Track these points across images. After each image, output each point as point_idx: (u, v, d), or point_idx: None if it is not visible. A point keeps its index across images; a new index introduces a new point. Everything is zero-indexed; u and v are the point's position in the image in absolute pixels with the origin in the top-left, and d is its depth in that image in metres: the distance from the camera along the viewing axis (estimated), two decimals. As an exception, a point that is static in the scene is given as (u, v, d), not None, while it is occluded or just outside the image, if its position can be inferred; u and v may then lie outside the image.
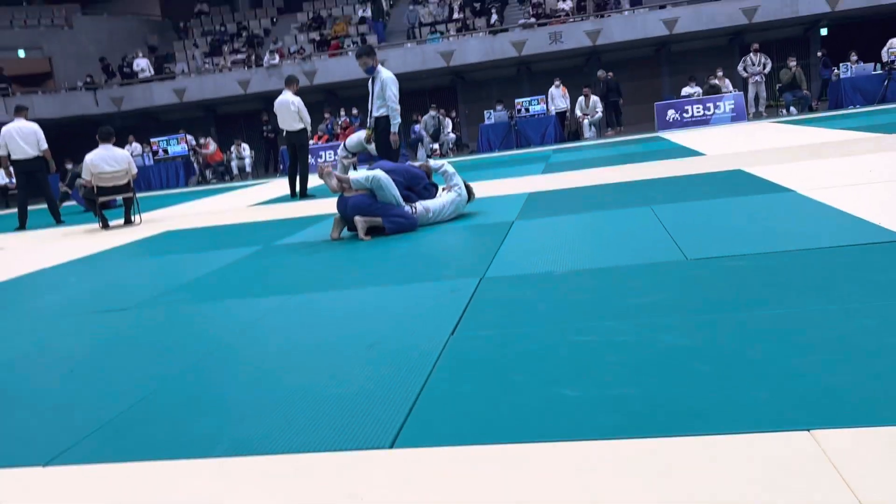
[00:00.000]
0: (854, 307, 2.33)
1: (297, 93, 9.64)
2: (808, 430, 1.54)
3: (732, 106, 15.30)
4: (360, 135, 9.52)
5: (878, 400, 1.64)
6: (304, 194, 9.51)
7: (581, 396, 1.88)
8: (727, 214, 4.29)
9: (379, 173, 5.10)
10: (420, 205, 5.32)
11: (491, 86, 21.74)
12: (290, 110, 9.47)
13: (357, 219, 5.05)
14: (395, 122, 6.96)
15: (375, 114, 7.07)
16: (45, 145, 9.62)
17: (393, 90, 6.91)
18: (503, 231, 4.67)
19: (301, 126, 9.60)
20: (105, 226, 8.30)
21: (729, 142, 9.82)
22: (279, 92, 9.83)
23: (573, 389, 1.93)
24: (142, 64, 21.76)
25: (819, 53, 18.13)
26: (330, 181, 5.13)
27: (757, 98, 16.14)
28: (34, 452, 1.96)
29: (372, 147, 9.68)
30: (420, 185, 5.53)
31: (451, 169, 5.62)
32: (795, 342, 2.08)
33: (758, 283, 2.76)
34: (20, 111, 9.77)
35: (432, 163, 5.79)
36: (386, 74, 7.00)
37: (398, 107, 6.97)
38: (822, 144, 7.79)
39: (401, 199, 5.19)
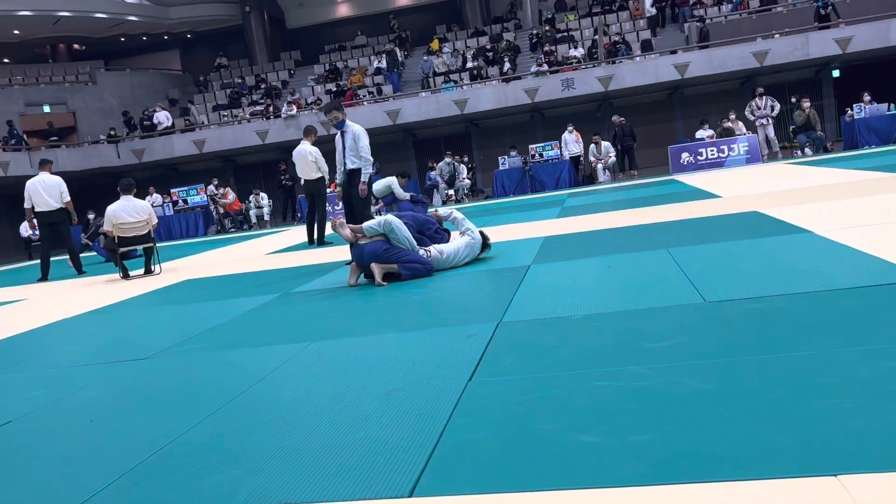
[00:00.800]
0: (877, 349, 2.29)
1: (314, 143, 9.85)
2: (836, 476, 1.51)
3: (747, 148, 15.33)
4: (387, 181, 9.72)
5: (906, 444, 1.61)
6: (322, 241, 9.60)
7: (601, 443, 1.86)
8: (745, 256, 4.27)
9: (390, 217, 5.21)
10: (434, 249, 5.36)
11: (504, 132, 21.97)
12: (308, 160, 9.66)
13: (373, 266, 5.08)
14: (367, 171, 6.84)
15: (350, 167, 6.86)
16: (67, 198, 9.81)
17: (365, 142, 6.85)
18: (520, 275, 4.67)
19: (319, 175, 9.77)
20: (126, 276, 8.38)
21: (744, 184, 9.81)
22: (297, 142, 10.02)
23: (593, 436, 1.91)
24: (160, 117, 22.23)
25: (793, 99, 17.84)
26: (343, 231, 5.23)
27: (768, 140, 16.17)
28: (53, 504, 1.96)
29: (399, 191, 9.83)
30: (431, 230, 5.59)
31: (459, 215, 5.67)
32: (819, 385, 2.05)
33: (778, 325, 2.73)
34: (44, 165, 10.00)
35: (441, 211, 5.84)
36: (356, 127, 6.92)
37: (371, 157, 6.91)
38: (838, 185, 7.77)
39: (414, 242, 5.24)
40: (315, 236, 9.68)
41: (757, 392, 2.07)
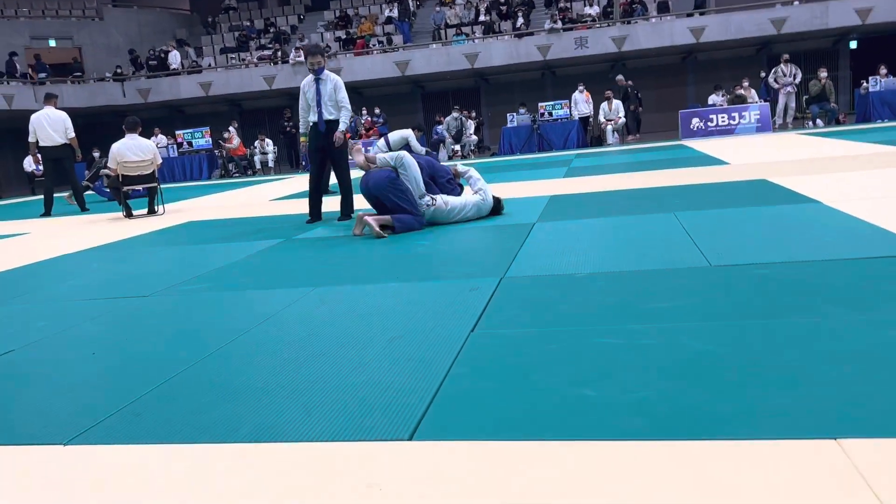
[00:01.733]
0: (881, 318, 2.29)
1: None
2: (835, 439, 1.52)
3: (758, 116, 15.15)
4: (403, 133, 9.70)
5: (908, 411, 1.62)
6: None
7: (603, 397, 1.87)
8: (751, 223, 4.25)
9: (404, 153, 5.28)
10: (440, 198, 5.37)
11: (514, 89, 21.70)
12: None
13: (367, 218, 5.09)
14: (345, 122, 6.45)
15: (327, 117, 6.39)
16: (72, 133, 9.74)
17: (344, 92, 6.50)
18: (524, 232, 4.65)
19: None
20: (129, 215, 8.37)
21: (753, 152, 9.73)
22: None
23: (594, 390, 1.92)
24: (174, 56, 21.98)
25: (762, 74, 17.84)
26: (358, 157, 5.35)
27: (786, 109, 15.97)
28: (55, 431, 1.98)
29: (415, 144, 9.72)
30: (444, 179, 5.59)
31: (476, 174, 5.64)
32: (822, 351, 2.05)
33: (783, 291, 2.73)
34: (50, 99, 9.90)
35: (459, 167, 5.80)
36: (335, 77, 6.56)
37: (350, 108, 6.55)
38: (848, 157, 7.70)
39: (422, 185, 5.27)
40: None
41: (760, 355, 2.07)
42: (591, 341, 2.33)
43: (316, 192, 6.50)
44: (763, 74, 17.69)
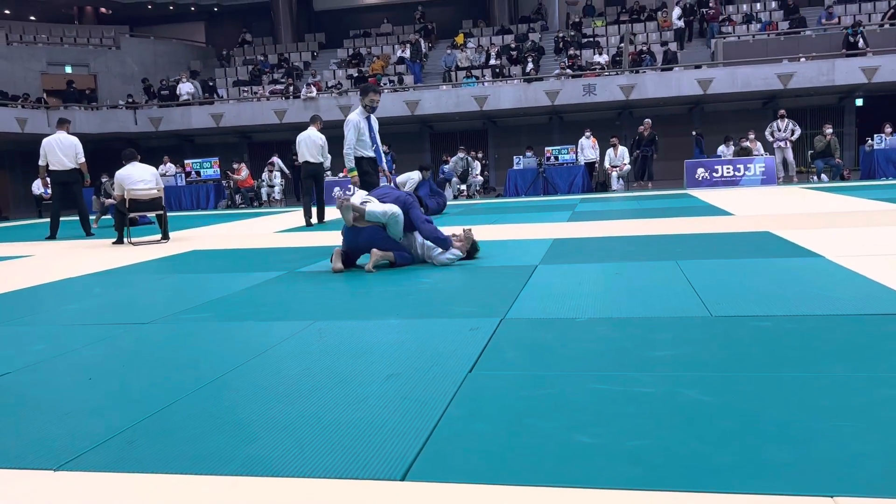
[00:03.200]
0: (882, 376, 2.28)
1: (321, 130, 10.41)
2: (832, 497, 1.50)
3: (763, 168, 15.26)
4: (411, 175, 10.56)
5: (906, 471, 1.60)
6: (322, 220, 10.40)
7: (598, 444, 1.85)
8: (754, 274, 4.25)
9: (397, 211, 5.20)
10: (428, 243, 5.35)
11: (522, 132, 21.93)
12: (318, 144, 10.21)
13: (374, 251, 5.16)
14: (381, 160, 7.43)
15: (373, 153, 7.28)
16: (82, 159, 9.84)
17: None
18: (526, 274, 4.66)
19: (321, 160, 10.40)
20: (119, 241, 8.43)
21: (758, 204, 9.77)
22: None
23: (591, 437, 1.90)
24: (185, 87, 22.27)
25: (693, 132, 18.32)
26: (348, 215, 5.18)
27: (785, 163, 16.09)
28: (46, 456, 1.96)
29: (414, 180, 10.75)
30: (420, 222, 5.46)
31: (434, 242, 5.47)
32: (821, 406, 2.04)
33: (783, 344, 2.72)
34: (63, 124, 10.02)
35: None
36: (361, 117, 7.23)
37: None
38: (852, 213, 7.73)
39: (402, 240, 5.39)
40: (314, 218, 10.32)
41: (758, 408, 2.05)
42: (589, 387, 2.32)
43: None
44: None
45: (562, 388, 2.32)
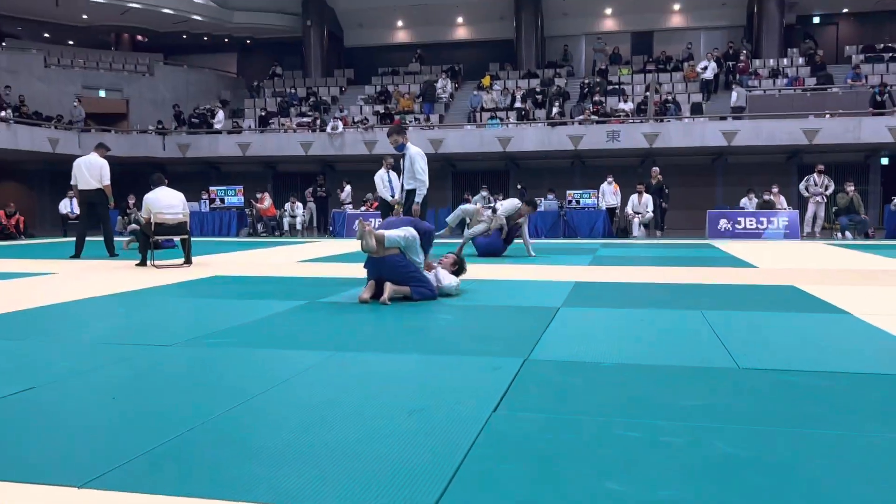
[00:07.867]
0: (917, 438, 2.23)
1: None
2: (871, 560, 1.46)
3: (787, 223, 15.18)
4: (467, 208, 10.52)
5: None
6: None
7: (629, 493, 1.82)
8: (780, 328, 4.20)
9: (413, 233, 5.40)
10: (433, 275, 5.57)
11: (544, 174, 22.01)
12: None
13: (388, 285, 5.23)
14: (421, 193, 7.27)
15: (407, 187, 7.35)
16: (107, 180, 10.00)
17: (422, 164, 7.29)
18: (549, 316, 4.64)
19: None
20: (143, 263, 8.50)
21: (782, 257, 9.70)
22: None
23: (620, 484, 1.87)
24: (221, 117, 22.73)
25: (519, 186, 18.30)
26: (370, 240, 5.20)
27: (815, 218, 15.99)
28: (71, 472, 1.96)
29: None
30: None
31: (448, 281, 5.68)
32: (851, 465, 2.00)
33: (813, 400, 2.68)
34: (99, 148, 10.27)
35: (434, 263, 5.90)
36: (414, 150, 7.35)
37: (426, 179, 7.34)
38: (878, 271, 7.64)
39: (422, 260, 5.51)
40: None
41: (788, 464, 2.02)
42: (617, 433, 2.29)
43: None
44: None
45: (588, 434, 2.29)
